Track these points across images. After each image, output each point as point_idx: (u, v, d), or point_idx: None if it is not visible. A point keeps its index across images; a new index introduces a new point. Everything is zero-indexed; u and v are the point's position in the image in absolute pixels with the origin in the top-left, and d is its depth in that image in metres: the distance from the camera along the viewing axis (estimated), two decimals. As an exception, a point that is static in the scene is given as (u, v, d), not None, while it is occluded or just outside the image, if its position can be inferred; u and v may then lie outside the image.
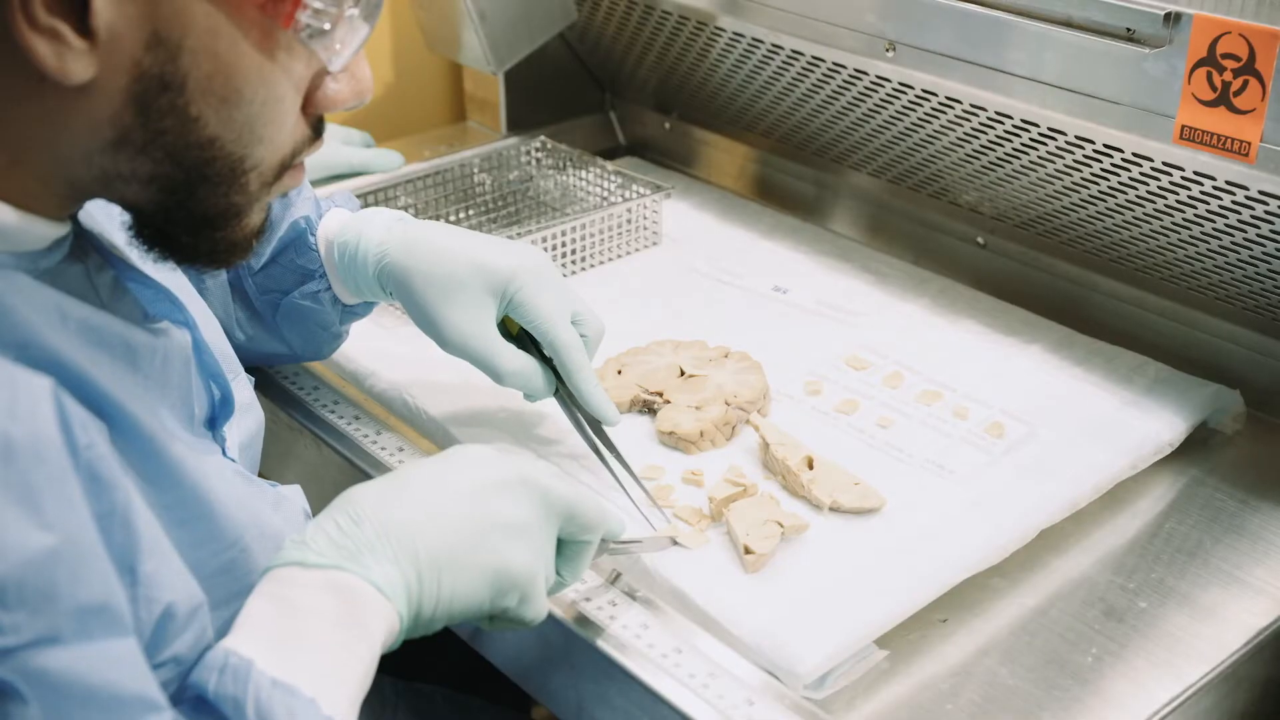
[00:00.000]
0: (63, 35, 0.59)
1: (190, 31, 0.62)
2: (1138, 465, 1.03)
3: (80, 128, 0.63)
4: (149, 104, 0.63)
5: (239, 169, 0.68)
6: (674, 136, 1.63)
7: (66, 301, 0.67)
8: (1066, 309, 1.24)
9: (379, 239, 1.00)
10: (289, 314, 1.04)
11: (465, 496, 0.75)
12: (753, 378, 1.09)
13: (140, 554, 0.63)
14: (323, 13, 0.66)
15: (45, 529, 0.57)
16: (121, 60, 0.62)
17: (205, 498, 0.72)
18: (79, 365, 0.65)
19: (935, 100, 1.16)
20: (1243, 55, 0.91)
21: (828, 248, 1.36)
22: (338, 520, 0.72)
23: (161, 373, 0.74)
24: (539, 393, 0.99)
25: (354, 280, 1.02)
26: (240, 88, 0.65)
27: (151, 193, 0.67)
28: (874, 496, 0.96)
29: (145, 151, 0.65)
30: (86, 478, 0.61)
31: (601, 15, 1.51)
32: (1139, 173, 1.04)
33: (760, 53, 1.32)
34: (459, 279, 0.97)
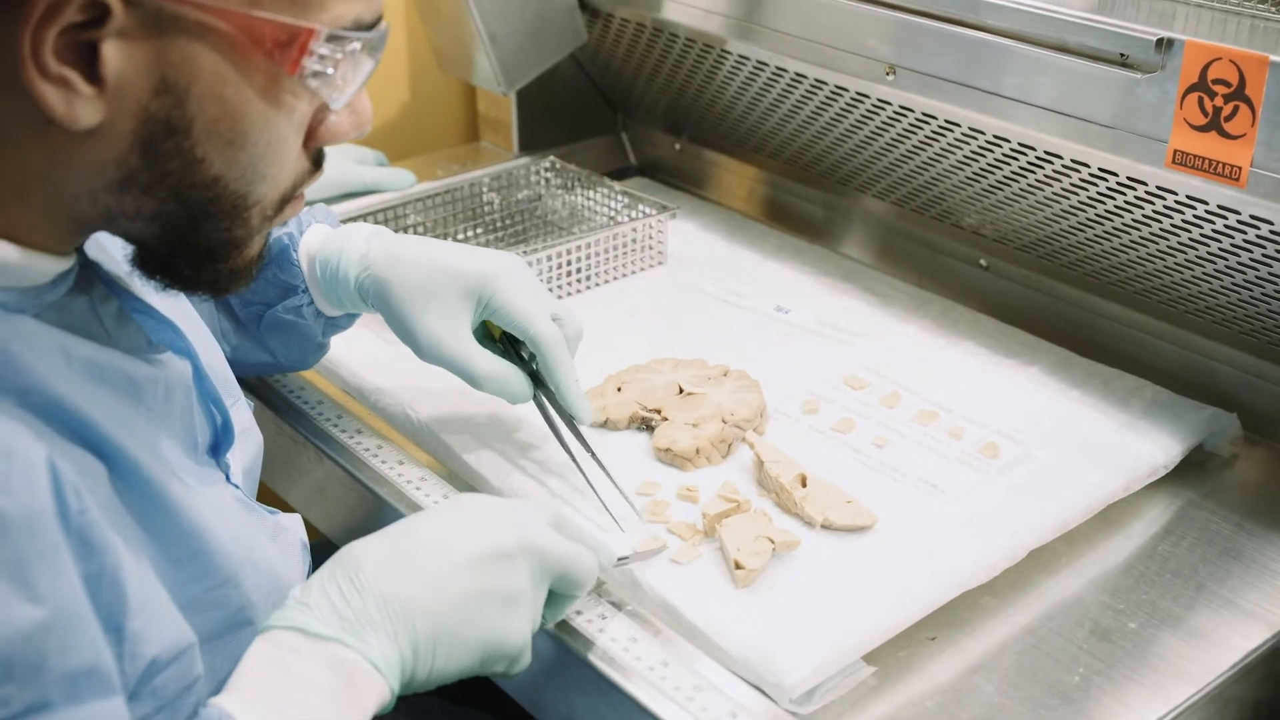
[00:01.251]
0: (72, 83, 0.61)
1: (197, 78, 0.64)
2: (1131, 487, 1.04)
3: (86, 168, 0.65)
4: (155, 147, 0.65)
5: (241, 205, 0.69)
6: (684, 158, 1.64)
7: (70, 340, 0.69)
8: (1068, 331, 1.25)
9: (359, 252, 1.02)
10: (273, 326, 1.06)
11: (466, 568, 0.76)
12: (750, 396, 1.10)
13: (127, 613, 0.65)
14: (328, 58, 0.67)
15: (34, 602, 0.59)
16: (129, 105, 0.63)
17: (201, 535, 0.73)
18: (80, 408, 0.67)
19: (935, 124, 1.17)
20: (1233, 81, 0.92)
21: (832, 269, 1.37)
22: (341, 585, 0.73)
23: (164, 404, 0.76)
24: (517, 397, 1.00)
25: (335, 293, 1.04)
26: (245, 130, 0.67)
27: (155, 229, 0.69)
28: (866, 514, 0.97)
29: (150, 191, 0.66)
30: (77, 542, 0.63)
31: (612, 37, 1.53)
32: (1133, 196, 1.05)
33: (765, 75, 1.33)
34: (434, 287, 0.99)
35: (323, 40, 0.66)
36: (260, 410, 1.14)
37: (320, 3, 0.66)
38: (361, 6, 0.68)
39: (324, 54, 0.67)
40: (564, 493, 1.01)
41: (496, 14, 1.43)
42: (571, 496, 1.00)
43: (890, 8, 1.15)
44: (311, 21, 0.66)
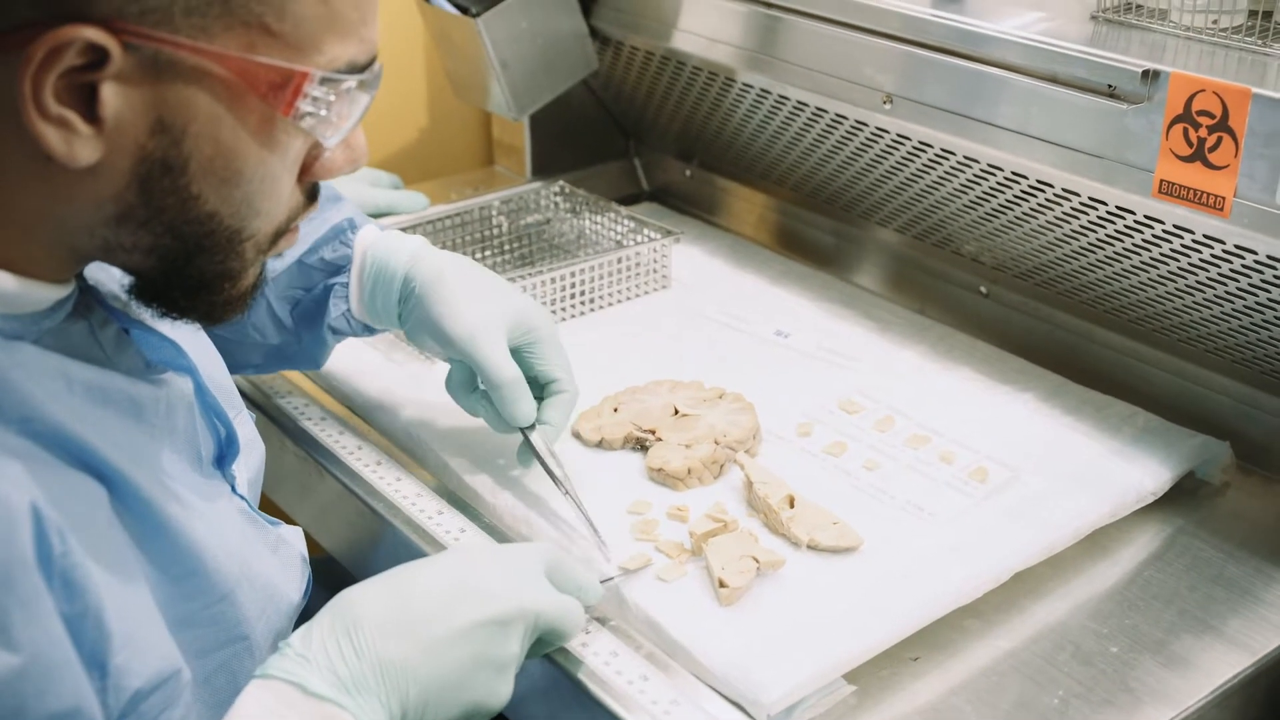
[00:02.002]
0: (71, 123, 0.63)
1: (194, 119, 0.65)
2: (1118, 512, 1.04)
3: (84, 204, 0.67)
4: (152, 184, 0.67)
5: (236, 239, 0.71)
6: (695, 184, 1.66)
7: (71, 365, 0.71)
8: (1066, 359, 1.26)
9: (419, 243, 1.07)
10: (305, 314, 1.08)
11: (462, 636, 0.77)
12: (744, 418, 1.11)
13: (110, 649, 0.67)
14: (321, 99, 0.69)
15: (12, 650, 0.61)
16: (126, 144, 0.65)
17: (197, 554, 0.75)
18: (80, 434, 0.69)
19: (931, 152, 1.19)
20: (1216, 112, 0.93)
21: (834, 295, 1.38)
22: (340, 644, 0.74)
23: (167, 421, 0.78)
24: (516, 418, 1.01)
25: (380, 273, 1.05)
26: (240, 169, 0.68)
27: (152, 261, 0.70)
28: (851, 536, 0.98)
29: (147, 226, 0.68)
30: (60, 584, 0.64)
31: (623, 65, 1.55)
32: (1123, 225, 1.06)
33: (769, 103, 1.35)
34: (489, 294, 1.04)
35: (316, 83, 0.68)
36: (265, 424, 1.16)
37: (315, 46, 0.67)
38: (356, 49, 0.70)
39: (317, 96, 0.68)
40: (552, 510, 1.03)
41: (508, 41, 1.45)
42: (557, 518, 1.02)
43: (886, 38, 1.16)
44: (306, 65, 0.67)
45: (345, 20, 0.68)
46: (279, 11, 0.65)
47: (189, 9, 0.62)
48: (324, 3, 0.67)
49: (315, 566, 1.11)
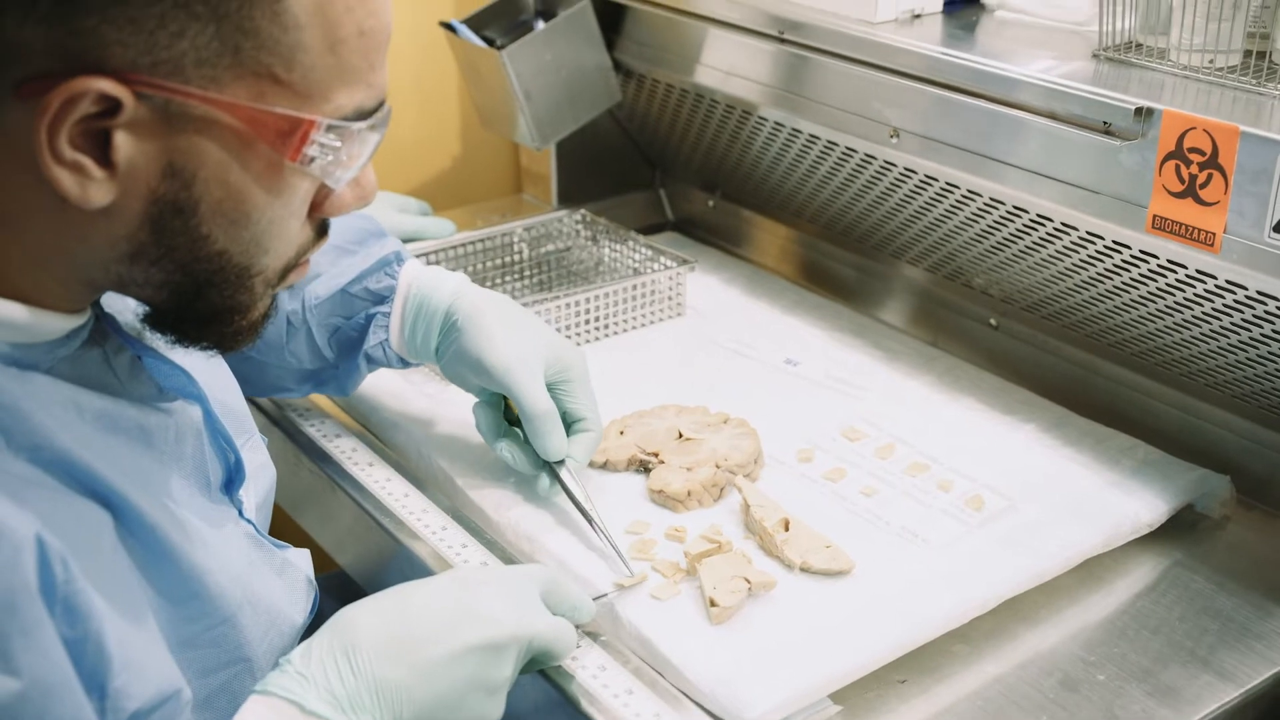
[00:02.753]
0: (85, 168, 0.66)
1: (203, 164, 0.68)
2: (1112, 543, 1.06)
3: (99, 242, 0.70)
4: (163, 225, 0.69)
5: (245, 275, 0.74)
6: (718, 215, 1.69)
7: (82, 394, 0.74)
8: (1074, 392, 1.27)
9: (462, 278, 1.11)
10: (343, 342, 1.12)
11: (457, 659, 0.79)
12: (745, 443, 1.14)
13: (110, 672, 0.69)
14: (327, 145, 0.71)
15: (12, 675, 0.63)
16: (139, 187, 0.68)
17: (200, 578, 0.78)
18: (88, 461, 0.72)
19: (937, 185, 1.21)
20: (1207, 150, 0.95)
21: (845, 324, 1.41)
22: (339, 663, 0.77)
23: (176, 447, 0.80)
24: (553, 447, 1.05)
25: (423, 305, 1.09)
26: (249, 211, 0.71)
27: (164, 294, 0.73)
28: (843, 559, 1.00)
29: (159, 263, 0.71)
30: (63, 610, 0.67)
31: (646, 97, 1.59)
32: (1120, 260, 1.08)
33: (784, 135, 1.38)
34: (529, 329, 1.08)
35: (323, 130, 0.70)
36: (282, 441, 1.20)
37: (322, 95, 0.70)
38: (363, 95, 0.72)
39: (324, 142, 0.71)
40: (556, 526, 1.06)
41: (531, 73, 1.49)
42: (564, 531, 1.04)
43: (892, 73, 1.19)
44: (313, 113, 0.69)
45: (353, 69, 0.71)
46: (287, 62, 0.67)
47: (200, 60, 0.65)
48: (332, 53, 0.69)
49: (330, 581, 1.15)
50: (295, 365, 1.13)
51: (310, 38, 0.67)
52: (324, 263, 1.12)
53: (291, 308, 1.11)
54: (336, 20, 0.68)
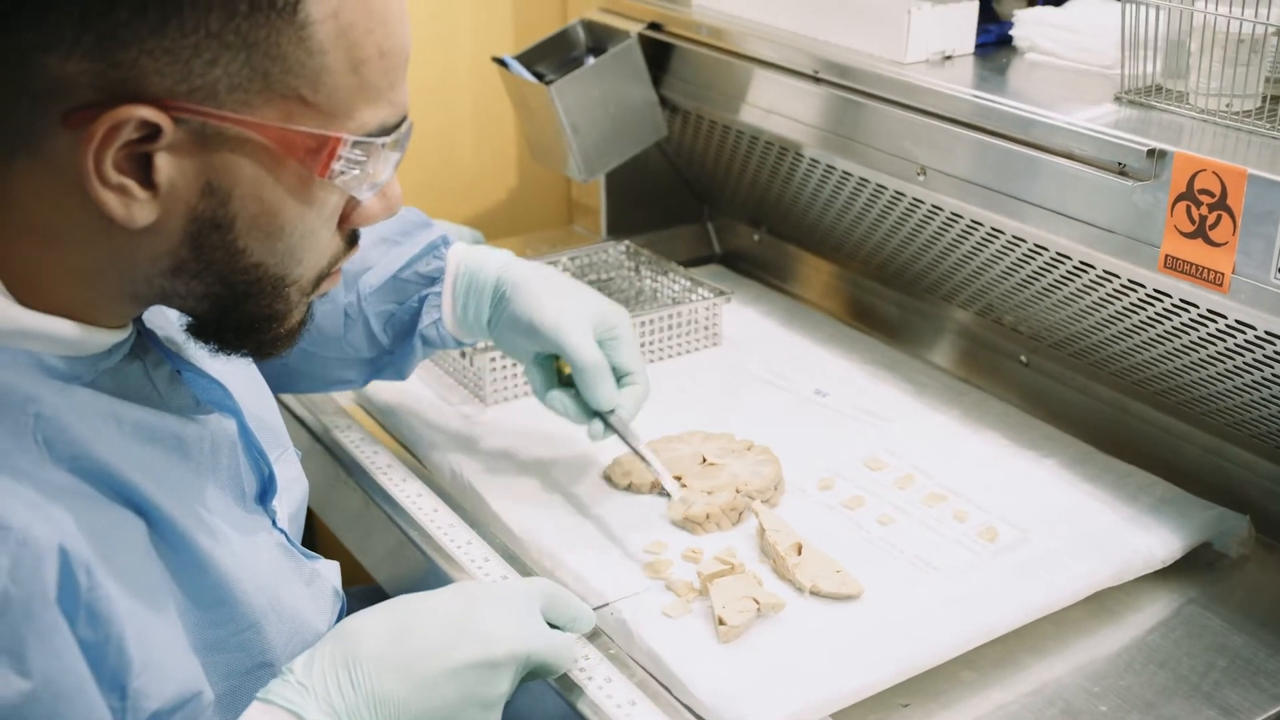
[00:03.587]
0: (129, 190, 0.69)
1: (239, 182, 0.72)
2: (1123, 576, 1.07)
3: (143, 259, 0.74)
4: (202, 240, 0.73)
5: (280, 285, 0.78)
6: (764, 249, 1.72)
7: (122, 407, 0.78)
8: (1101, 429, 1.28)
9: (509, 253, 1.18)
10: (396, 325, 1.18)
11: (455, 675, 0.82)
12: (766, 469, 1.17)
13: (130, 674, 0.73)
14: (353, 160, 0.75)
15: (24, 676, 0.67)
16: (179, 206, 0.71)
17: (228, 586, 0.81)
18: (123, 472, 0.76)
19: (962, 223, 1.24)
20: (1216, 191, 0.96)
21: (877, 358, 1.43)
22: (339, 676, 0.80)
23: (211, 458, 0.84)
24: (604, 396, 1.11)
25: (473, 280, 1.15)
26: (282, 225, 0.75)
27: (205, 305, 0.78)
28: (853, 584, 1.03)
29: (199, 276, 0.75)
30: (86, 615, 0.70)
31: (691, 132, 1.63)
32: (1135, 299, 1.10)
33: (819, 172, 1.42)
34: (577, 292, 1.15)
35: (349, 146, 0.74)
36: (320, 456, 1.25)
37: (347, 113, 0.74)
38: (386, 112, 0.76)
39: (350, 157, 0.75)
40: (577, 545, 1.09)
41: (579, 108, 1.54)
42: (584, 549, 1.08)
43: (919, 112, 1.22)
44: (338, 131, 0.74)
45: (374, 88, 0.75)
46: (313, 84, 0.71)
47: (232, 86, 0.69)
48: (354, 73, 0.73)
49: (369, 595, 1.19)
50: (354, 355, 1.19)
51: (334, 60, 0.71)
52: (374, 255, 1.18)
53: (348, 300, 1.17)
54: (358, 43, 0.72)
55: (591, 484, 1.19)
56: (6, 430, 0.71)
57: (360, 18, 0.72)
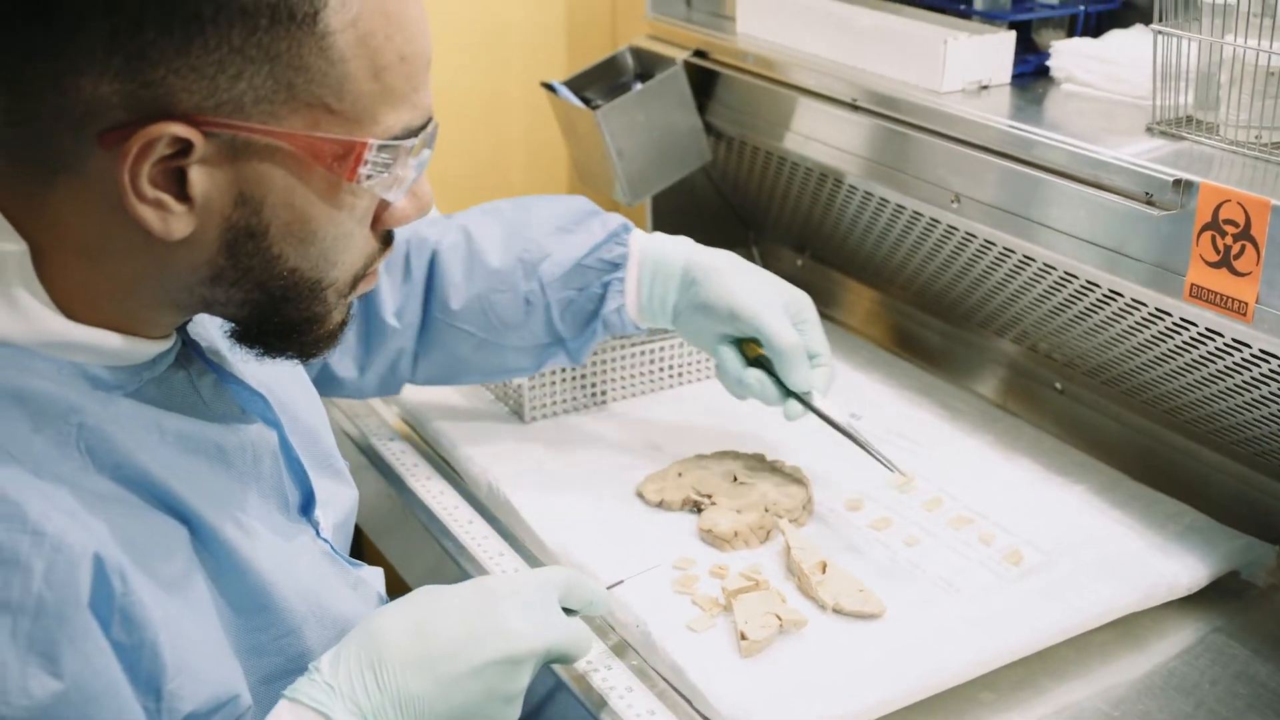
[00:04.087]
0: (165, 203, 0.71)
1: (270, 190, 0.74)
2: (1145, 603, 1.08)
3: (182, 269, 0.77)
4: (238, 249, 0.75)
5: (317, 288, 0.80)
6: (807, 274, 1.74)
7: (164, 416, 0.80)
8: (1133, 457, 1.29)
9: (690, 240, 1.23)
10: (574, 315, 1.23)
11: (478, 673, 0.84)
12: (795, 489, 1.19)
13: (165, 676, 0.75)
14: (380, 163, 0.77)
15: (56, 677, 0.69)
16: (214, 217, 0.73)
17: (268, 591, 0.84)
18: (165, 480, 0.78)
19: (995, 250, 1.25)
20: (1240, 221, 0.97)
21: (912, 382, 1.45)
22: (365, 676, 0.82)
23: (254, 467, 0.87)
24: (802, 378, 1.16)
25: (659, 265, 1.20)
26: (315, 230, 0.77)
27: (245, 311, 0.80)
28: (875, 603, 1.04)
29: (237, 284, 0.78)
30: (120, 619, 0.73)
31: (735, 157, 1.65)
32: (1162, 327, 1.11)
33: (857, 198, 1.44)
34: (767, 276, 1.20)
35: (375, 150, 0.76)
36: (364, 467, 1.29)
37: (371, 118, 0.76)
38: (410, 115, 0.77)
39: (377, 160, 0.77)
40: (601, 545, 1.12)
41: (625, 132, 1.57)
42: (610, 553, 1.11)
43: (952, 141, 1.24)
44: (364, 136, 0.76)
45: (398, 92, 0.76)
46: (337, 92, 0.74)
47: (258, 98, 0.71)
48: (376, 79, 0.75)
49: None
50: (531, 343, 1.23)
51: (355, 68, 0.73)
52: (550, 243, 1.22)
53: (529, 287, 1.21)
54: (378, 49, 0.74)
55: (624, 500, 1.21)
56: (50, 439, 0.73)
57: (379, 25, 0.73)
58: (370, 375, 1.23)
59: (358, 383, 1.24)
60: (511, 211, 1.25)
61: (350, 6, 0.72)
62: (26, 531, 0.69)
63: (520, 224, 1.23)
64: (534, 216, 1.24)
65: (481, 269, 1.21)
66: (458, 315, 1.21)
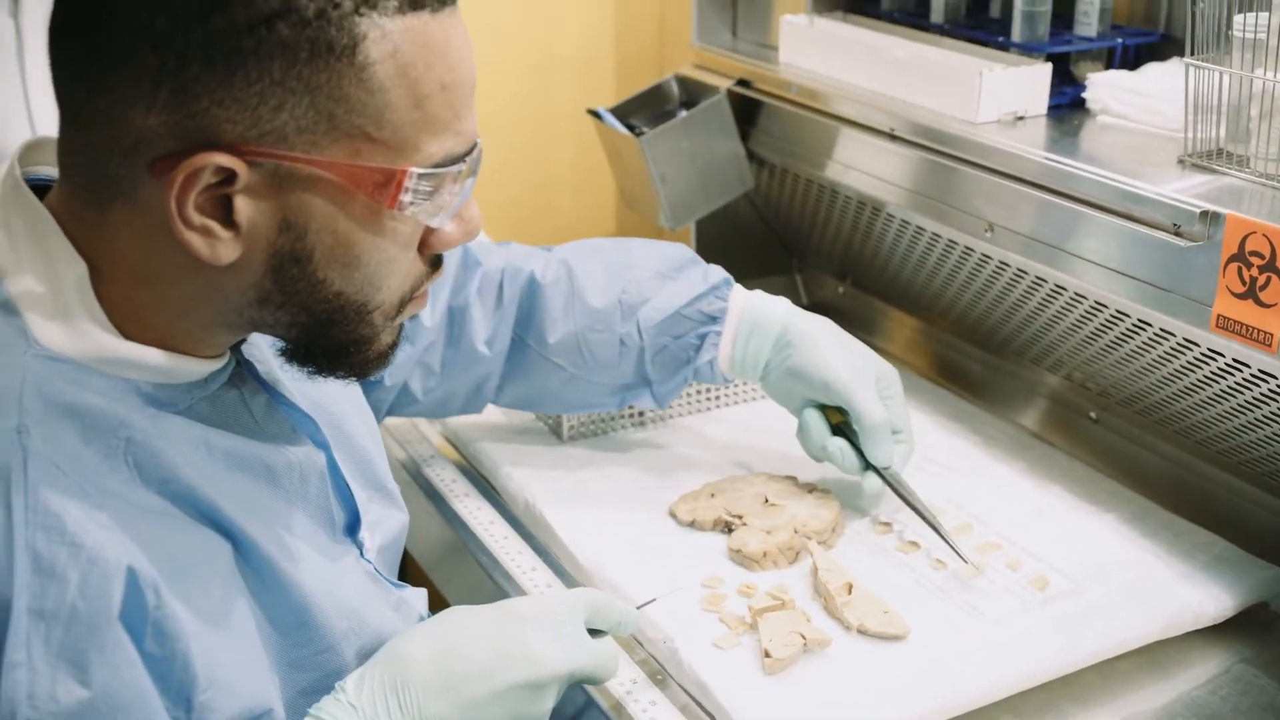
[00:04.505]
0: (212, 230, 0.74)
1: (313, 217, 0.75)
2: (1170, 631, 1.08)
3: (230, 292, 0.79)
4: (284, 273, 0.77)
5: (363, 311, 0.82)
6: (849, 301, 1.76)
7: (213, 434, 0.83)
8: (1166, 486, 1.29)
9: (788, 301, 1.26)
10: (665, 362, 1.25)
11: (500, 697, 0.86)
12: (825, 511, 1.20)
13: (196, 688, 0.77)
14: (422, 190, 0.78)
15: (84, 686, 0.72)
16: (260, 243, 0.75)
17: (307, 607, 0.86)
18: (210, 496, 0.80)
19: (1028, 279, 1.27)
20: (1265, 253, 0.99)
21: (948, 409, 1.46)
22: (389, 699, 0.84)
23: (300, 486, 0.89)
24: (885, 454, 1.19)
25: (756, 324, 1.24)
26: (358, 255, 0.78)
27: (294, 333, 0.83)
28: (899, 624, 1.06)
29: (284, 307, 0.80)
30: (153, 632, 0.74)
31: (777, 185, 1.68)
32: (1190, 358, 1.12)
33: (894, 226, 1.45)
34: (859, 348, 1.24)
35: (416, 178, 0.77)
36: (408, 484, 1.32)
37: (413, 146, 0.76)
38: (452, 142, 0.78)
39: (418, 188, 0.78)
40: (632, 563, 1.14)
41: (668, 159, 1.60)
42: (641, 571, 1.13)
43: (986, 170, 1.26)
44: (405, 164, 0.76)
45: (439, 121, 0.78)
46: (378, 121, 0.75)
47: (300, 128, 0.74)
48: (417, 108, 0.76)
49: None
50: (618, 382, 1.26)
51: (395, 97, 0.75)
52: (650, 288, 1.24)
53: (624, 330, 1.24)
54: (418, 79, 0.75)
55: (657, 519, 1.24)
56: (99, 453, 0.76)
57: (419, 55, 0.75)
58: (456, 399, 1.26)
59: (442, 403, 1.26)
60: (613, 251, 1.28)
61: (390, 38, 0.73)
62: (65, 543, 0.72)
63: (621, 265, 1.26)
64: (635, 259, 1.26)
65: (581, 307, 1.23)
66: (552, 349, 1.24)
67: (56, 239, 0.77)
